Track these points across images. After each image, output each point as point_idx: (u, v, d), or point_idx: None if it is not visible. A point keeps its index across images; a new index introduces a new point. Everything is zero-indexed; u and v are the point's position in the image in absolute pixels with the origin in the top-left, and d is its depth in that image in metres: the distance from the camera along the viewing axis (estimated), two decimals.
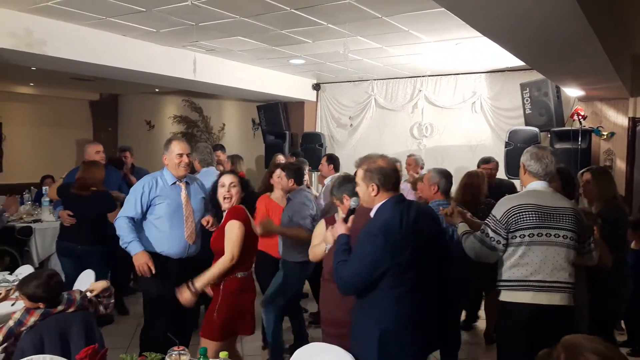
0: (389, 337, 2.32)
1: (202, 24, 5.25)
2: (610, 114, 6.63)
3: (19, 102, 10.86)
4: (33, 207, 6.95)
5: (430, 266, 2.43)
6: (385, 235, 2.30)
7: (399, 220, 2.34)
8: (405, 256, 2.31)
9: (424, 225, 2.42)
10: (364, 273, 2.32)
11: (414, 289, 2.36)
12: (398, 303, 2.33)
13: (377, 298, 2.35)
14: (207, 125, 10.56)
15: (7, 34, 4.91)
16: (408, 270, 2.33)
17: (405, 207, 2.41)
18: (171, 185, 3.64)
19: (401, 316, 2.34)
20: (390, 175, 2.44)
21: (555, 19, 2.99)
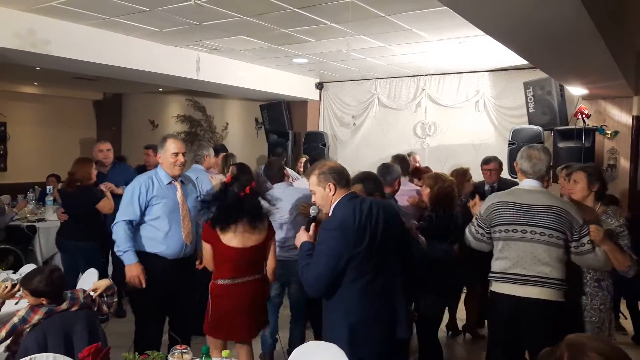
0: (357, 329, 2.44)
1: (205, 24, 5.26)
2: (614, 113, 6.60)
3: (23, 101, 10.90)
4: (37, 206, 6.98)
5: (389, 257, 2.54)
6: (342, 229, 2.43)
7: (352, 214, 2.47)
8: (362, 247, 2.42)
9: (380, 218, 2.51)
10: (327, 270, 2.42)
11: (375, 280, 2.48)
12: (362, 295, 2.45)
13: (342, 293, 2.47)
14: (211, 125, 10.57)
15: (12, 34, 4.93)
16: (367, 261, 2.45)
17: (359, 202, 2.53)
18: (167, 185, 3.56)
19: (366, 307, 2.46)
20: (342, 173, 2.60)
21: (559, 17, 2.98)
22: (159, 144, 3.64)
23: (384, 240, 2.51)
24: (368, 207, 2.52)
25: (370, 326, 2.47)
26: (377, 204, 2.60)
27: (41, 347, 2.56)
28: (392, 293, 2.54)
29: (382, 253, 2.50)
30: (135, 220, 3.49)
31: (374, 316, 2.48)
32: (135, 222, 3.50)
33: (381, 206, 2.60)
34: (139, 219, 3.50)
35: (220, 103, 10.43)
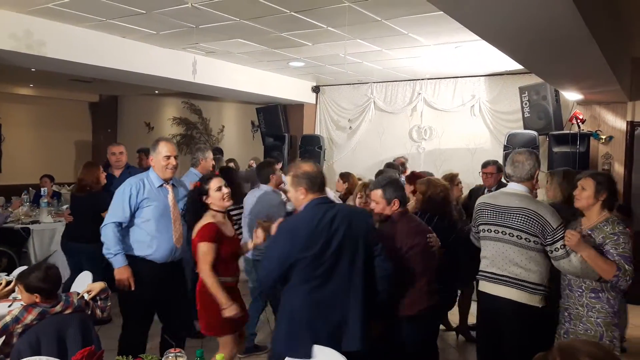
0: (295, 331, 2.51)
1: (202, 26, 5.26)
2: (609, 118, 6.64)
3: (18, 103, 10.87)
4: (31, 208, 6.95)
5: (345, 266, 2.55)
6: (292, 232, 2.52)
7: (310, 219, 2.53)
8: (312, 253, 2.47)
9: (341, 228, 2.53)
10: (276, 267, 2.53)
11: (323, 287, 2.50)
12: (306, 299, 2.50)
13: (288, 294, 2.55)
14: (207, 127, 10.57)
15: (7, 35, 4.91)
16: (316, 267, 2.49)
17: (324, 208, 2.57)
18: (158, 188, 3.54)
19: (309, 312, 2.50)
20: (315, 178, 2.62)
21: (554, 23, 3.00)
22: (151, 147, 3.63)
23: (340, 249, 2.52)
24: (332, 215, 2.55)
25: (310, 331, 2.48)
26: (347, 214, 2.63)
27: (34, 350, 2.55)
28: (344, 303, 2.54)
29: (336, 262, 2.52)
30: (124, 222, 3.47)
31: (316, 322, 2.49)
32: (125, 225, 3.48)
33: (352, 217, 2.63)
34: (129, 221, 3.48)
35: (216, 106, 10.43)
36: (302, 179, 2.62)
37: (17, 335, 2.64)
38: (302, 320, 2.51)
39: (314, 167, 2.68)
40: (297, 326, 2.52)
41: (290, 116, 9.11)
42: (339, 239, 2.53)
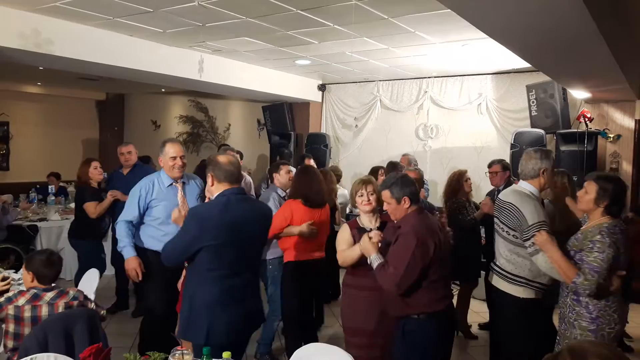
0: (197, 313, 2.61)
1: (208, 25, 5.27)
2: (617, 116, 6.60)
3: (26, 101, 10.93)
4: (39, 205, 7.00)
5: (254, 256, 2.75)
6: (199, 220, 2.60)
7: (217, 209, 2.62)
8: (217, 242, 2.56)
9: (246, 222, 2.65)
10: (180, 248, 2.65)
11: (230, 277, 2.62)
12: (212, 286, 2.60)
13: (196, 278, 2.65)
14: (213, 126, 10.59)
15: (16, 34, 4.94)
16: (221, 256, 2.58)
17: (233, 199, 2.66)
18: (167, 187, 3.69)
19: (214, 296, 2.60)
20: (225, 170, 2.68)
21: (563, 22, 2.98)
22: (159, 148, 3.73)
23: (243, 241, 2.63)
24: (239, 208, 2.66)
25: (208, 318, 2.58)
26: (256, 209, 2.79)
27: (42, 346, 2.57)
28: (247, 292, 2.70)
29: (242, 252, 2.64)
30: (134, 220, 3.66)
31: (216, 309, 2.59)
32: (135, 222, 3.68)
33: (259, 211, 2.79)
34: (139, 219, 3.67)
35: (222, 104, 10.45)
36: (211, 167, 2.72)
37: (10, 319, 2.71)
38: (202, 307, 2.60)
39: (227, 159, 2.73)
40: (196, 311, 2.61)
41: (296, 114, 9.11)
42: (247, 232, 2.64)
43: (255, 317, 2.78)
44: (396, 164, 5.72)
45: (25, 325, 2.72)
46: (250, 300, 2.71)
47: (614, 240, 2.64)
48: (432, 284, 2.71)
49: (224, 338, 2.56)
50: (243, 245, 2.64)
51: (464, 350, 4.65)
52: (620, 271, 2.70)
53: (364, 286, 3.03)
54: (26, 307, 2.74)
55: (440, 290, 2.77)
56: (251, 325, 2.78)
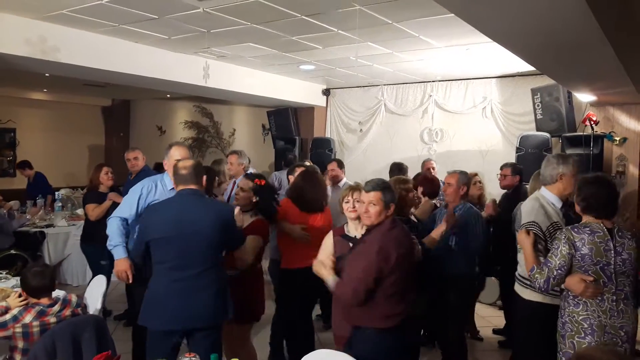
0: (150, 302, 2.86)
1: (213, 31, 5.30)
2: (623, 119, 6.57)
3: (32, 107, 11.00)
4: (46, 211, 7.04)
5: (200, 252, 2.85)
6: (150, 214, 3.00)
7: (165, 206, 2.97)
8: (162, 235, 2.81)
9: (189, 218, 2.83)
10: (136, 242, 3.01)
11: (177, 270, 2.80)
12: (160, 277, 2.86)
13: (154, 268, 2.90)
14: (218, 131, 10.62)
15: (23, 41, 4.98)
16: (168, 247, 2.81)
17: (184, 198, 2.91)
18: (170, 190, 3.53)
19: (161, 288, 2.84)
20: (178, 171, 2.95)
21: (567, 25, 2.98)
22: (164, 152, 3.67)
23: (188, 236, 2.79)
24: (187, 206, 2.87)
25: (158, 307, 2.82)
26: (209, 208, 2.92)
27: (50, 353, 2.58)
28: (195, 285, 2.82)
29: (189, 249, 2.80)
30: (129, 219, 3.51)
31: (166, 298, 2.81)
32: (130, 221, 3.51)
33: (213, 211, 2.91)
34: (134, 218, 3.50)
35: (227, 109, 10.48)
36: (174, 174, 3.01)
37: (19, 336, 2.69)
38: (153, 296, 2.85)
39: (188, 164, 2.97)
40: (148, 300, 2.86)
41: (301, 119, 9.13)
42: (189, 228, 2.79)
43: (201, 311, 2.82)
44: (401, 165, 5.69)
45: (34, 340, 2.71)
46: (197, 295, 2.81)
47: (569, 237, 2.62)
48: (388, 298, 2.59)
49: (169, 326, 2.79)
50: (188, 240, 2.79)
51: (471, 352, 4.64)
52: (587, 275, 2.59)
53: None
54: (34, 324, 2.73)
55: (397, 306, 2.63)
56: (196, 319, 2.83)
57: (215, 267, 2.90)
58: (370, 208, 2.67)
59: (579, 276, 2.60)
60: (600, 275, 2.60)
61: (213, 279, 2.87)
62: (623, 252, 2.61)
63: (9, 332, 2.70)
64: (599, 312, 2.60)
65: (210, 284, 2.85)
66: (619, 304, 2.61)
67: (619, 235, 2.64)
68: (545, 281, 2.65)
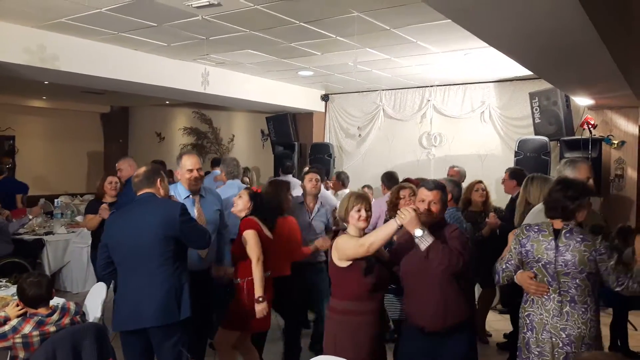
0: (116, 302, 2.99)
1: (212, 38, 5.32)
2: (621, 123, 6.59)
3: (31, 115, 11.02)
4: (45, 219, 7.03)
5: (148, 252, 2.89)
6: (107, 222, 3.17)
7: (120, 213, 3.17)
8: (115, 239, 2.94)
9: (151, 216, 2.92)
10: (100, 247, 3.06)
11: (129, 268, 2.92)
12: (120, 277, 2.98)
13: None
14: (217, 137, 10.63)
15: (22, 49, 5.00)
16: (120, 250, 2.93)
17: (135, 205, 3.04)
18: (184, 199, 3.57)
19: (121, 287, 2.98)
20: (133, 183, 3.09)
21: (565, 31, 3.00)
22: (176, 161, 3.68)
23: (134, 238, 2.88)
24: (138, 209, 2.98)
25: (117, 307, 2.94)
26: (154, 208, 2.97)
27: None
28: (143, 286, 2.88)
29: (135, 250, 2.89)
30: None
31: (121, 299, 2.94)
32: None
33: (163, 209, 2.96)
34: None
35: (226, 115, 10.50)
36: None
37: (19, 347, 2.68)
38: (116, 299, 3.01)
39: (136, 172, 3.13)
40: (117, 298, 3.00)
41: (300, 125, 9.14)
42: (141, 228, 2.88)
43: (150, 311, 2.83)
44: (392, 174, 5.56)
45: (35, 349, 2.71)
46: (146, 294, 2.86)
47: (519, 234, 2.76)
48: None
49: (124, 327, 2.89)
50: (135, 241, 2.89)
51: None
52: (529, 272, 2.68)
53: (368, 310, 2.81)
54: (34, 333, 2.72)
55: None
56: (146, 318, 2.84)
57: (165, 265, 2.89)
58: (432, 206, 2.80)
59: (527, 273, 2.70)
60: (543, 273, 2.63)
61: (164, 277, 2.88)
62: (567, 253, 2.58)
63: (9, 342, 2.70)
64: (542, 310, 2.64)
65: (161, 283, 2.87)
66: (563, 306, 2.59)
67: (566, 237, 2.61)
68: (496, 273, 2.84)
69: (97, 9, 4.40)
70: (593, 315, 2.60)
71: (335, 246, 2.84)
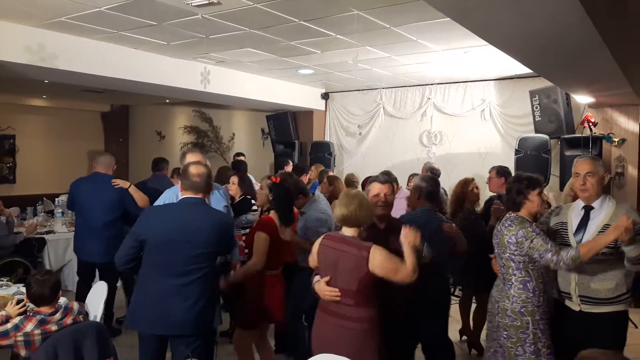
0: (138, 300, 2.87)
1: (212, 37, 5.31)
2: (621, 120, 6.59)
3: (31, 114, 11.01)
4: (46, 218, 7.03)
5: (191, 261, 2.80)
6: (145, 215, 2.98)
7: (162, 210, 3.05)
8: (159, 238, 2.79)
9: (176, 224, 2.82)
10: (131, 240, 2.85)
11: (169, 272, 2.78)
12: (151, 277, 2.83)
13: (144, 270, 2.86)
14: (217, 135, 10.63)
15: (22, 49, 5.00)
16: (164, 251, 2.78)
17: (182, 206, 2.94)
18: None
19: (147, 286, 2.84)
20: (187, 178, 2.90)
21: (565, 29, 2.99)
22: (180, 160, 3.67)
23: (183, 244, 2.75)
24: (189, 213, 2.84)
25: (148, 307, 2.81)
26: (207, 216, 2.88)
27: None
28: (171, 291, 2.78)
29: (181, 255, 2.77)
30: None
31: (154, 301, 2.79)
32: None
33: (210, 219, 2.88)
34: None
35: (226, 114, 10.49)
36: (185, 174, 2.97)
37: (21, 345, 2.69)
38: (143, 299, 2.84)
39: (197, 170, 2.91)
40: (138, 304, 2.86)
41: (300, 123, 9.14)
42: (192, 235, 2.77)
43: (184, 320, 2.78)
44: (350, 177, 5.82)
45: (36, 348, 2.71)
46: (182, 302, 2.77)
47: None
48: None
49: (151, 330, 2.81)
50: (184, 246, 2.77)
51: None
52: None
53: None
54: (35, 332, 2.72)
55: None
56: (176, 326, 2.78)
57: (205, 276, 2.83)
58: (388, 197, 3.07)
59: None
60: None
61: (203, 288, 2.81)
62: (496, 237, 3.07)
63: (11, 340, 2.70)
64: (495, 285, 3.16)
65: (200, 293, 2.79)
66: (504, 282, 3.03)
67: (501, 223, 3.06)
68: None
69: (97, 7, 4.39)
70: (516, 292, 2.96)
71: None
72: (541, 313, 2.92)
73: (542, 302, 2.94)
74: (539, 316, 2.91)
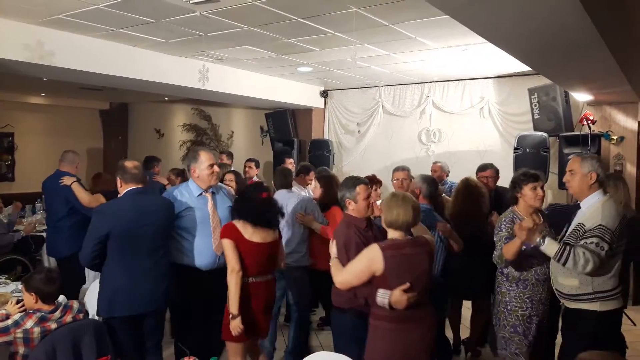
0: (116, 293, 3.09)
1: (210, 34, 5.31)
2: (620, 118, 6.59)
3: (30, 112, 10.99)
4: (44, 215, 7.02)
5: (151, 243, 3.18)
6: (102, 213, 3.14)
7: (117, 204, 3.22)
8: (123, 229, 3.05)
9: (146, 214, 3.17)
10: (89, 242, 3.06)
11: (139, 256, 3.12)
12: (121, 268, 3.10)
13: (107, 264, 3.12)
14: (216, 133, 10.62)
15: (21, 46, 4.99)
16: (132, 240, 3.09)
17: (138, 198, 3.20)
18: (197, 197, 3.55)
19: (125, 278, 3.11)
20: (128, 171, 3.20)
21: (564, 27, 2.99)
22: (191, 158, 3.61)
23: (134, 227, 3.08)
24: (129, 201, 3.17)
25: (130, 292, 3.09)
26: (157, 201, 3.36)
27: (50, 358, 2.59)
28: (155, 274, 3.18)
29: (147, 240, 3.14)
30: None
31: (134, 285, 3.09)
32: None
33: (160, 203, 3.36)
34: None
35: (225, 112, 10.49)
36: (118, 171, 3.25)
37: (20, 342, 2.70)
38: (119, 285, 3.09)
39: (131, 164, 3.25)
40: (117, 291, 3.08)
41: (299, 121, 9.14)
42: (145, 223, 3.13)
43: (158, 295, 3.20)
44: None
45: (35, 345, 2.72)
46: (158, 280, 3.19)
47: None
48: None
49: (138, 310, 3.12)
50: (146, 231, 3.14)
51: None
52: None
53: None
54: (35, 329, 2.73)
55: None
56: (156, 301, 3.20)
57: (166, 254, 3.31)
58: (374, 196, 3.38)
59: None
60: None
61: (166, 264, 3.28)
62: None
63: (11, 337, 2.71)
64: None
65: (165, 270, 3.26)
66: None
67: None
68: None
69: (95, 5, 4.38)
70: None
71: None
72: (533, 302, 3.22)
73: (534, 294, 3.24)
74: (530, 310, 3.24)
